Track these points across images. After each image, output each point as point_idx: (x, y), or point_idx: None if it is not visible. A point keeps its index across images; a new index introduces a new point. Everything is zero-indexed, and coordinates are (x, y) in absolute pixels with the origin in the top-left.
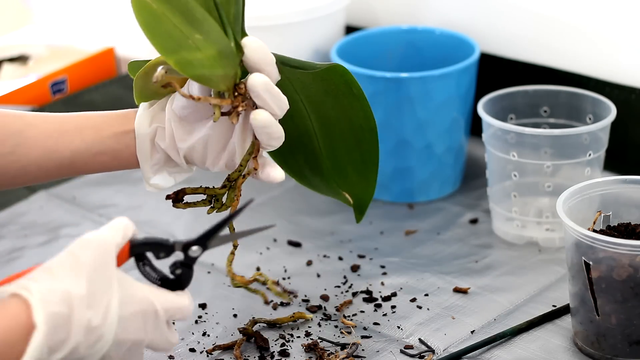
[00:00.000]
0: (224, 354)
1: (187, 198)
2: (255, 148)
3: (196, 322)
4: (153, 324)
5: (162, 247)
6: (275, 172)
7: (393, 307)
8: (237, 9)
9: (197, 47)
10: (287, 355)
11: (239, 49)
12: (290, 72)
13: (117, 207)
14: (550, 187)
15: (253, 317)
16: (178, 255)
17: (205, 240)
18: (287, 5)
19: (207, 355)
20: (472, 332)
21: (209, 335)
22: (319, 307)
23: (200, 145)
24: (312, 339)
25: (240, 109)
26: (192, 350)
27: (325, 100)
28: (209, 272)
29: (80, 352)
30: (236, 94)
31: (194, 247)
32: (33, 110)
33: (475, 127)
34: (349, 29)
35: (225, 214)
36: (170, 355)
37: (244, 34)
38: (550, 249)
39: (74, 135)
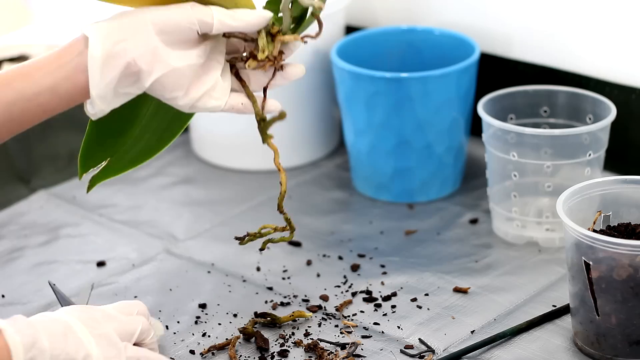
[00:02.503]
0: (219, 354)
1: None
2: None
3: (196, 322)
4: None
5: None
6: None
7: (393, 307)
8: None
9: None
10: (287, 355)
11: None
12: None
13: (117, 207)
14: (550, 187)
15: (253, 317)
16: None
17: None
18: None
19: (203, 356)
20: (472, 332)
21: (209, 336)
22: (319, 307)
23: (182, 71)
24: (312, 339)
25: (282, 62)
26: (192, 352)
27: None
28: (209, 272)
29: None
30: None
31: None
32: None
33: (475, 127)
34: (349, 29)
35: None
36: (171, 357)
37: None
38: (550, 249)
39: (4, 87)
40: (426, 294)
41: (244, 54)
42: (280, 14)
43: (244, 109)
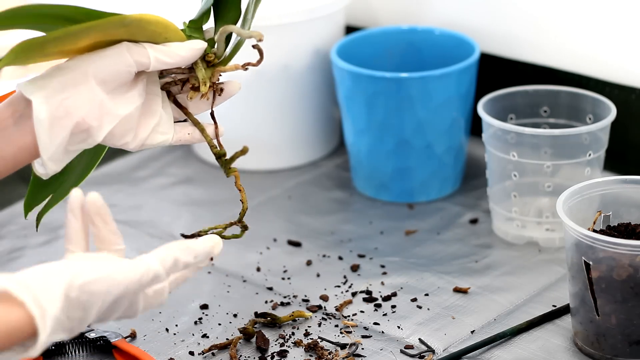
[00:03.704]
0: (220, 354)
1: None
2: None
3: (196, 323)
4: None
5: None
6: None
7: (393, 307)
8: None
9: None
10: (287, 355)
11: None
12: None
13: (117, 207)
14: (550, 187)
15: (253, 317)
16: None
17: None
18: (287, 5)
19: (204, 355)
20: (472, 332)
21: (208, 337)
22: (319, 307)
23: (130, 115)
24: (312, 339)
25: (221, 85)
26: (192, 353)
27: None
28: (209, 273)
29: None
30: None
31: None
32: None
33: (475, 127)
34: (349, 29)
35: None
36: (171, 358)
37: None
38: (550, 249)
39: None
40: (426, 294)
41: (177, 78)
42: (207, 36)
43: (191, 139)
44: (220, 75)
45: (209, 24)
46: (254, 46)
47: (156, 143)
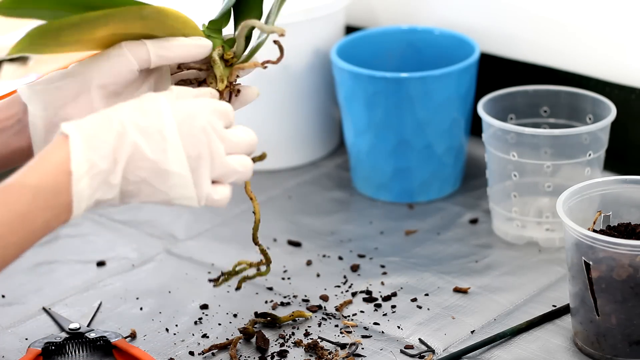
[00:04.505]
0: (220, 354)
1: None
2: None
3: (196, 323)
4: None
5: None
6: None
7: (393, 307)
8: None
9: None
10: (287, 355)
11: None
12: None
13: (117, 207)
14: (550, 187)
15: (253, 317)
16: None
17: None
18: (287, 5)
19: (204, 355)
20: (472, 332)
21: (208, 337)
22: (319, 307)
23: None
24: (312, 339)
25: (239, 87)
26: (191, 353)
27: None
28: (209, 272)
29: (147, 155)
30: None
31: None
32: None
33: (475, 127)
34: (349, 29)
35: None
36: (171, 358)
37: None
38: (550, 249)
39: None
40: (426, 294)
41: (194, 77)
42: (226, 35)
43: None
44: (238, 76)
45: (230, 27)
46: (275, 41)
47: None
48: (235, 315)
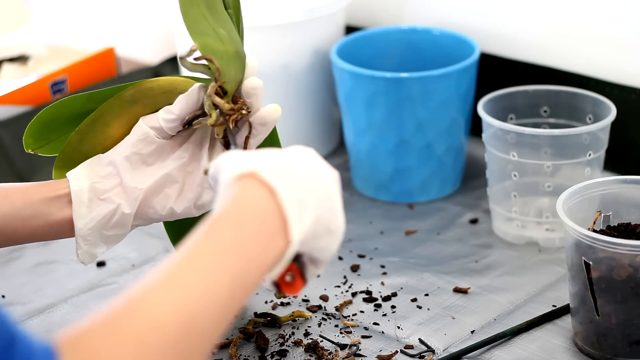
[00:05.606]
0: (220, 353)
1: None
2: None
3: None
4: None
5: None
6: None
7: (393, 307)
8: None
9: (221, 40)
10: (287, 354)
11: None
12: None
13: None
14: (550, 187)
15: (253, 317)
16: None
17: None
18: (287, 5)
19: None
20: (472, 332)
21: None
22: (319, 307)
23: (162, 182)
24: (312, 339)
25: (243, 111)
26: None
27: None
28: None
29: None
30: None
31: None
32: (33, 110)
33: (475, 127)
34: (349, 29)
35: None
36: None
37: None
38: (550, 249)
39: (1, 200)
40: (426, 294)
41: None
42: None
43: None
44: (244, 102)
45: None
46: (205, 58)
47: (210, 199)
48: (235, 315)
